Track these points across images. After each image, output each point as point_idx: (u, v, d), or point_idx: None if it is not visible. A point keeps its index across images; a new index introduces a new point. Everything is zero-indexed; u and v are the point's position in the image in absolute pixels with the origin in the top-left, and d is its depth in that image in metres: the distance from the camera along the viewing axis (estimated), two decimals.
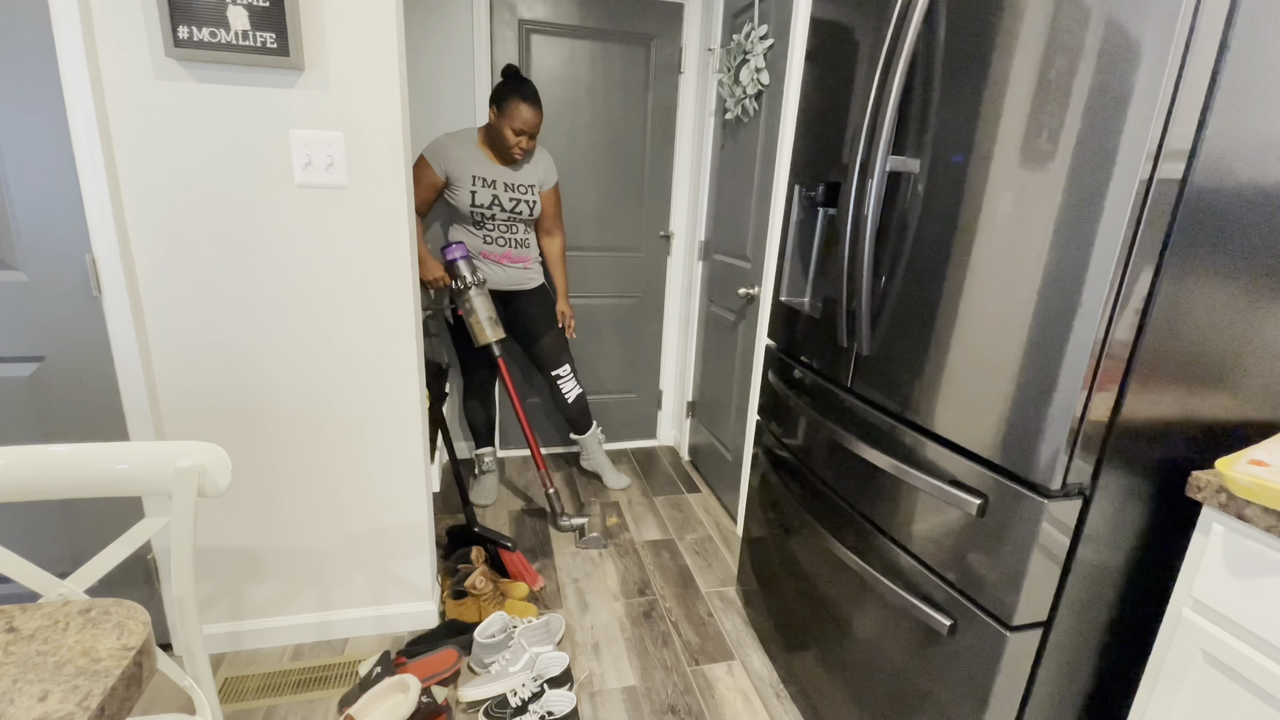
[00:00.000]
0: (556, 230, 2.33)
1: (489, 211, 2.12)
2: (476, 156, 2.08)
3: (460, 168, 2.07)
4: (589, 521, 2.26)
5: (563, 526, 2.19)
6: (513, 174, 2.12)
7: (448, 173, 2.08)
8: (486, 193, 2.09)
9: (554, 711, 1.41)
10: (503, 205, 2.12)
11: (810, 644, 1.42)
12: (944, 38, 1.00)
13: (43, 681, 0.51)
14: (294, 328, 1.44)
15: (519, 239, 2.21)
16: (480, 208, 2.10)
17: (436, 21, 2.29)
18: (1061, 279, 0.82)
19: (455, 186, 2.09)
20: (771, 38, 1.95)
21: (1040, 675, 0.94)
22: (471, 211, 2.11)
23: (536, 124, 2.01)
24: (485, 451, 2.49)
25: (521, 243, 2.22)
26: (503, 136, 2.01)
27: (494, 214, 2.13)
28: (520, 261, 2.24)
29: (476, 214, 2.12)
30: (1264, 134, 0.76)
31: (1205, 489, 0.81)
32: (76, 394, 1.36)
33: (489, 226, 2.16)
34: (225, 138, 1.29)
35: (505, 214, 2.14)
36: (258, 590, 1.60)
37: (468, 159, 2.08)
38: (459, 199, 2.09)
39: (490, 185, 2.09)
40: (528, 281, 2.28)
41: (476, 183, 2.08)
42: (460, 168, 2.07)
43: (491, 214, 2.13)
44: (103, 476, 0.82)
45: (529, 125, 1.99)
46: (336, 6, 1.27)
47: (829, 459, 1.32)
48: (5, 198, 1.23)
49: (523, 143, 2.03)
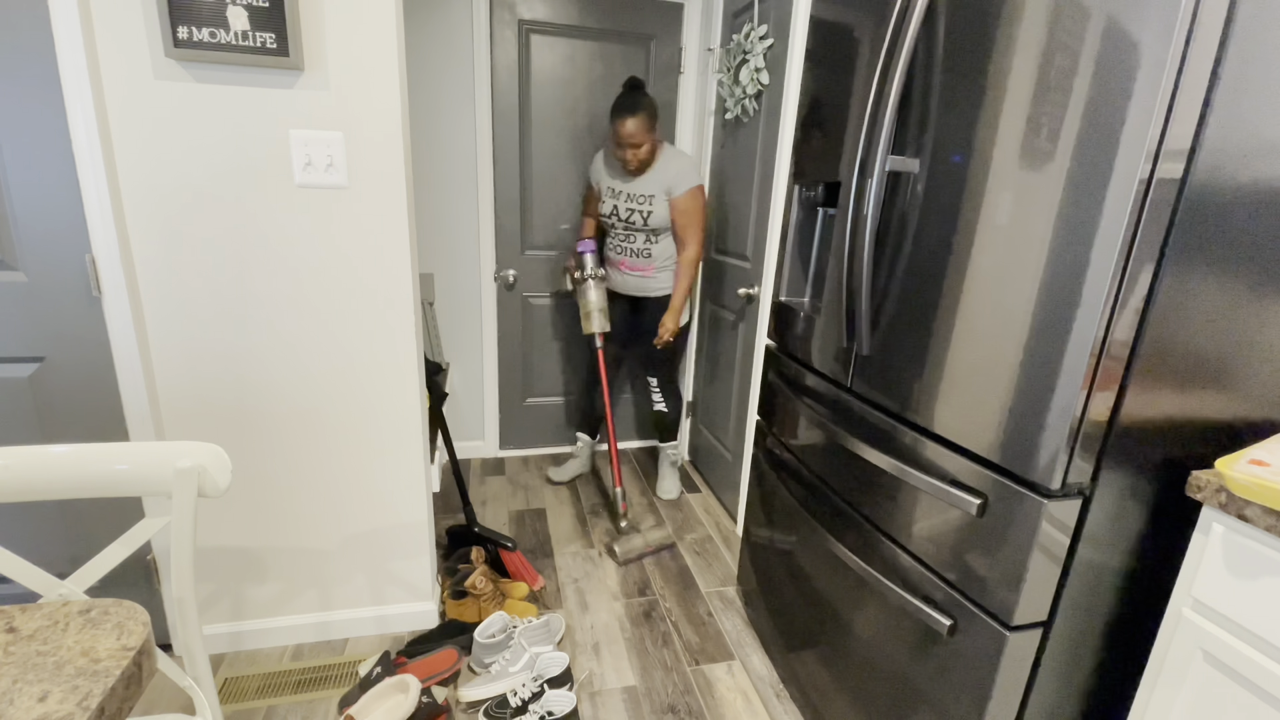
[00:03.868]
0: (688, 240, 2.17)
1: (610, 220, 2.24)
2: (612, 167, 2.19)
3: (600, 178, 2.24)
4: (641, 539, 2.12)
5: (620, 528, 2.20)
6: (633, 184, 2.16)
7: (596, 183, 2.26)
8: (610, 203, 2.21)
9: (554, 711, 1.41)
10: (620, 215, 2.20)
11: (810, 644, 1.42)
12: (944, 38, 0.99)
13: (42, 682, 0.51)
14: (294, 328, 1.44)
15: (637, 248, 2.25)
16: (606, 216, 2.25)
17: (436, 21, 2.29)
18: (1061, 278, 0.82)
19: (599, 197, 2.27)
20: (771, 38, 1.95)
21: (1040, 675, 0.94)
22: (603, 220, 2.27)
23: (635, 133, 2.00)
24: (580, 436, 2.60)
25: (639, 252, 2.25)
26: (614, 149, 2.09)
27: (614, 223, 2.24)
28: (638, 270, 2.28)
29: (605, 222, 2.28)
30: (1264, 134, 0.75)
31: (1205, 489, 0.81)
32: (76, 394, 1.36)
33: (612, 235, 2.28)
34: (225, 138, 1.29)
35: (622, 223, 2.21)
36: (258, 590, 1.60)
37: (605, 170, 2.22)
38: (600, 208, 2.27)
39: (615, 195, 2.19)
40: (650, 290, 2.30)
41: (606, 193, 2.22)
42: (600, 178, 2.24)
43: (612, 223, 2.24)
44: (103, 477, 0.82)
45: (627, 137, 2.02)
46: (336, 7, 1.27)
47: (829, 459, 1.32)
48: (5, 198, 1.23)
49: (627, 154, 2.06)
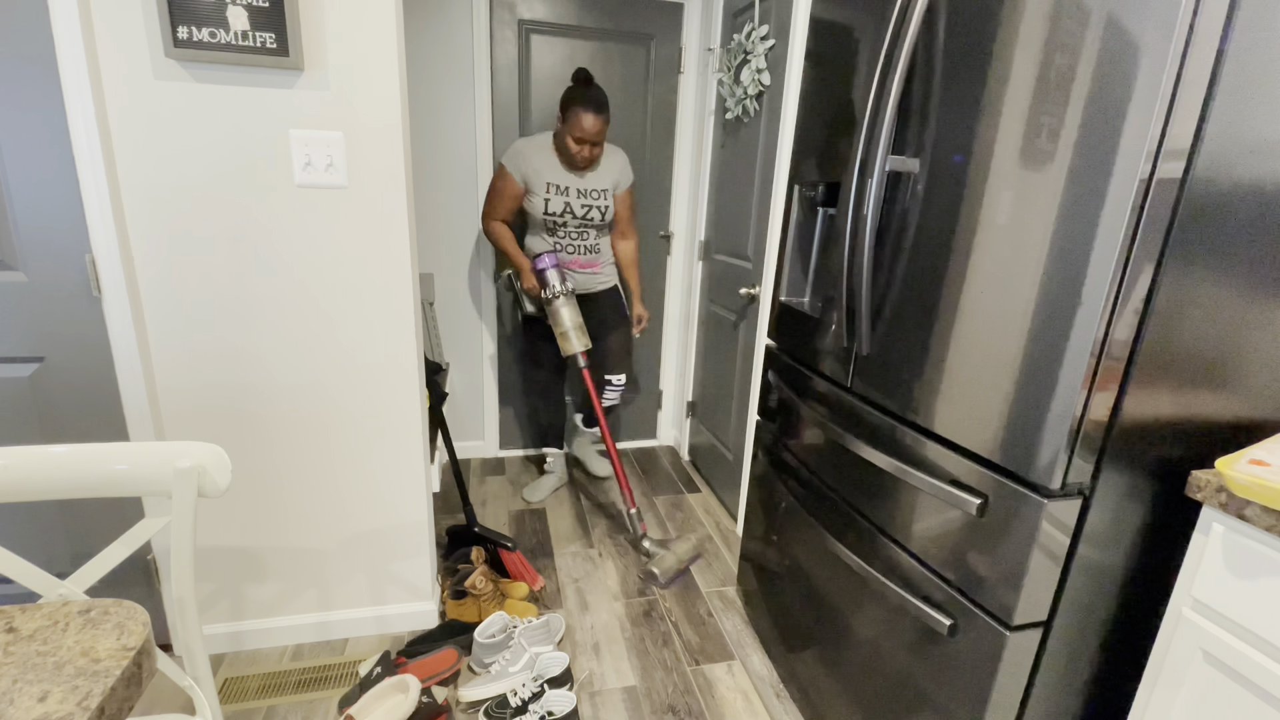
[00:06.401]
0: (631, 232, 2.27)
1: (561, 219, 2.09)
2: (551, 163, 2.04)
3: (536, 174, 2.03)
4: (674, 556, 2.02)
5: (646, 550, 2.02)
6: (584, 179, 2.08)
7: (525, 179, 2.03)
8: (559, 200, 2.06)
9: (554, 711, 1.41)
10: (574, 212, 2.09)
11: (810, 644, 1.42)
12: (944, 37, 0.99)
13: (42, 682, 0.51)
14: (294, 327, 1.44)
15: (590, 245, 2.18)
16: (553, 215, 2.07)
17: (436, 21, 2.29)
18: (1061, 278, 0.82)
19: (531, 194, 2.05)
20: (772, 38, 1.95)
21: (1040, 675, 0.94)
22: (545, 219, 2.08)
23: (599, 132, 1.95)
24: (549, 451, 2.48)
25: (592, 249, 2.19)
26: (566, 144, 1.98)
27: (565, 221, 2.10)
28: (591, 267, 2.22)
29: (549, 221, 2.09)
30: (1264, 133, 0.75)
31: (1205, 489, 0.81)
32: (76, 394, 1.36)
33: (561, 234, 2.13)
34: (225, 138, 1.29)
35: (577, 221, 2.11)
36: (258, 590, 1.60)
37: (542, 165, 2.03)
38: (534, 206, 2.06)
39: (563, 192, 2.05)
40: (598, 285, 2.27)
41: (550, 190, 2.04)
42: (536, 174, 2.03)
43: (563, 221, 2.10)
44: (103, 477, 0.82)
45: (589, 134, 1.94)
46: (336, 7, 1.27)
47: (829, 459, 1.32)
48: (5, 198, 1.23)
49: (584, 151, 1.98)
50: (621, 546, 2.18)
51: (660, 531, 2.29)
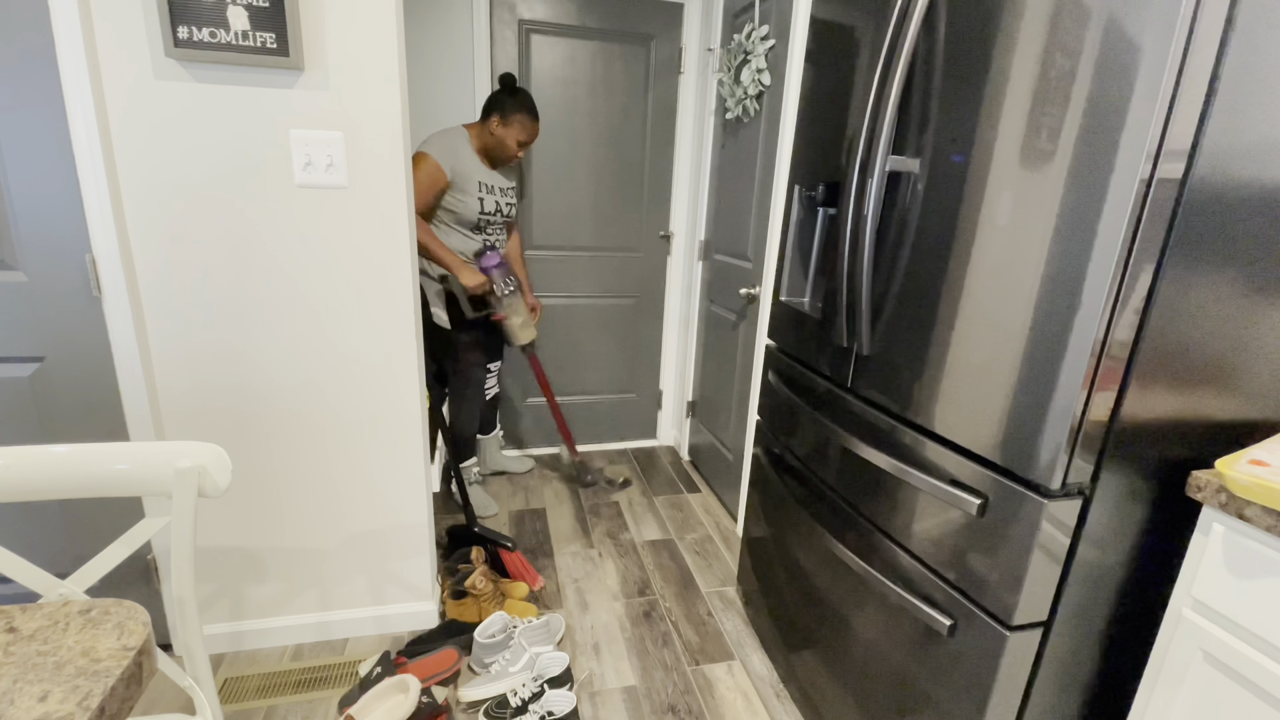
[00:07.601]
0: (515, 226, 2.37)
1: (492, 217, 2.10)
2: (476, 161, 2.03)
3: (466, 173, 2.00)
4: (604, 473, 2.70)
5: (587, 481, 2.57)
6: (503, 178, 2.12)
7: (455, 175, 1.99)
8: (490, 199, 2.07)
9: (554, 711, 1.41)
10: (501, 211, 2.11)
11: (810, 644, 1.42)
12: (944, 38, 1.00)
13: (43, 682, 0.51)
14: (294, 328, 1.44)
15: (503, 240, 2.22)
16: (488, 215, 2.07)
17: (436, 21, 2.29)
18: (1061, 278, 0.82)
19: (462, 192, 2.00)
20: (773, 38, 1.95)
21: (1040, 675, 0.94)
22: (481, 219, 2.06)
23: (537, 134, 2.08)
24: (473, 463, 2.38)
25: (502, 244, 2.22)
26: (504, 145, 2.00)
27: (491, 219, 2.10)
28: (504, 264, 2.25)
29: (483, 220, 2.07)
30: (1264, 133, 0.75)
31: (1205, 489, 0.81)
32: (76, 394, 1.36)
33: (489, 231, 2.12)
34: (225, 138, 1.29)
35: (502, 218, 2.13)
36: (258, 590, 1.60)
37: (471, 164, 2.02)
38: (466, 205, 2.01)
39: (491, 191, 2.07)
40: None
41: (482, 189, 2.04)
42: (466, 173, 2.00)
43: (491, 220, 2.10)
44: (103, 476, 0.82)
45: (534, 137, 2.04)
46: (336, 7, 1.27)
47: (829, 459, 1.32)
48: (5, 198, 1.23)
49: (520, 154, 2.05)
50: (622, 546, 2.18)
51: (660, 532, 2.29)
